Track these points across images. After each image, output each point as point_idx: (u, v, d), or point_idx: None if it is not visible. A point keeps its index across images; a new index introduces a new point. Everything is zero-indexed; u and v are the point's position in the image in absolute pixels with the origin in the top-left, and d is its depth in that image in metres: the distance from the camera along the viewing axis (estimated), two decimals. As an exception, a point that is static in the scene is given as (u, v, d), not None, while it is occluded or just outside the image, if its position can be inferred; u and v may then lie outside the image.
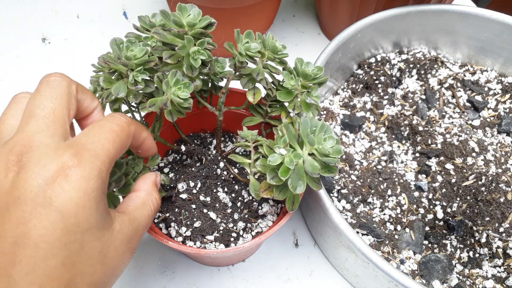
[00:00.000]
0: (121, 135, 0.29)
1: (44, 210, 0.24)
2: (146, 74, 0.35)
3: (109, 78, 0.35)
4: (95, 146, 0.27)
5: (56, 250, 0.24)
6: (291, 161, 0.33)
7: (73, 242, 0.25)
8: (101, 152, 0.27)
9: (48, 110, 0.28)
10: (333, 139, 0.34)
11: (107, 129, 0.29)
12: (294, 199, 0.37)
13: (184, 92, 0.35)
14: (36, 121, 0.27)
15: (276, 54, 0.39)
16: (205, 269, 0.52)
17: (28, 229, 0.24)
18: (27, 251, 0.24)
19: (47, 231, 0.24)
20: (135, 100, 0.35)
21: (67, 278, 0.25)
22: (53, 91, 0.29)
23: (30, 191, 0.24)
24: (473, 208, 0.49)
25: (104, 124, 0.29)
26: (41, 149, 0.26)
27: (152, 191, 0.35)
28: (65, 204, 0.25)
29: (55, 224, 0.24)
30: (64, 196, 0.25)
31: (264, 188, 0.37)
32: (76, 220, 0.25)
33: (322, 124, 0.35)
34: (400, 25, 0.61)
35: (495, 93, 0.62)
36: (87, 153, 0.26)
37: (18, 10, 0.79)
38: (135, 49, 0.34)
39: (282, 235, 0.55)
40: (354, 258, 0.45)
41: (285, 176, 0.33)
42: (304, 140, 0.34)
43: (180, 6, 0.35)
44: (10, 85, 0.69)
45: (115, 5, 0.81)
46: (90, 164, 0.26)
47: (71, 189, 0.25)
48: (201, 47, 0.35)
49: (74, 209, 0.25)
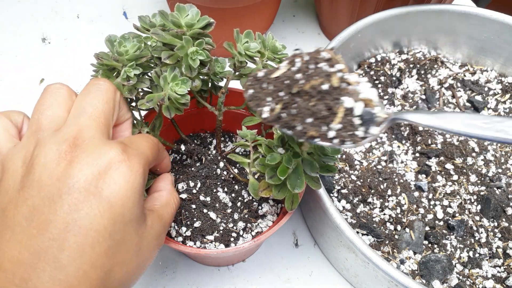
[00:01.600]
0: (155, 147, 0.33)
1: (95, 199, 0.25)
2: (138, 69, 0.35)
3: (109, 74, 0.36)
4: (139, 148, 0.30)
5: (102, 238, 0.26)
6: (289, 160, 0.33)
7: (117, 232, 0.26)
8: (144, 154, 0.30)
9: (99, 111, 0.30)
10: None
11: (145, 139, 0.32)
12: (293, 199, 0.37)
13: (181, 88, 0.35)
14: (89, 117, 0.29)
15: (276, 54, 0.39)
16: (205, 269, 0.52)
17: (80, 217, 0.25)
18: (77, 238, 0.25)
19: (96, 220, 0.25)
20: (130, 95, 0.35)
21: (108, 266, 0.26)
22: (103, 94, 0.31)
23: (84, 180, 0.25)
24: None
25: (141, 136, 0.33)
26: (93, 142, 0.27)
27: (173, 190, 0.37)
28: (114, 194, 0.26)
29: (104, 213, 0.26)
30: (114, 187, 0.26)
31: (263, 187, 0.37)
32: (122, 211, 0.27)
33: None
34: (400, 25, 0.61)
35: (495, 93, 0.62)
36: (134, 151, 0.29)
37: (18, 10, 0.79)
38: (128, 45, 0.35)
39: (282, 235, 0.55)
40: (354, 258, 0.45)
41: (284, 175, 0.33)
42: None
43: (179, 6, 0.35)
44: (10, 85, 0.69)
45: (115, 5, 0.81)
46: (137, 160, 0.28)
47: (121, 181, 0.27)
48: (200, 48, 0.35)
49: (121, 200, 0.26)
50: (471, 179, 0.53)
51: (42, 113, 0.29)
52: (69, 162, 0.26)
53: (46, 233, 0.24)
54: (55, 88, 0.31)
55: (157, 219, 0.32)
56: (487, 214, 0.51)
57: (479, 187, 0.53)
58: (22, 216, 0.25)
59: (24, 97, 0.67)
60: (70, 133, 0.27)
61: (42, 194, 0.25)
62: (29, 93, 0.68)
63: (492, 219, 0.51)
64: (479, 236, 0.50)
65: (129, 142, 0.30)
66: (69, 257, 0.24)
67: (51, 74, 0.70)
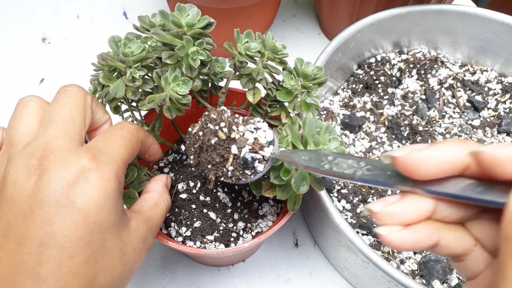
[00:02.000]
0: (132, 140, 0.31)
1: (68, 211, 0.26)
2: (143, 71, 0.35)
3: (109, 75, 0.36)
4: (110, 150, 0.29)
5: (80, 248, 0.26)
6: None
7: (95, 240, 0.27)
8: (116, 156, 0.29)
9: (67, 117, 0.29)
10: (337, 140, 0.34)
11: (119, 135, 0.31)
12: (295, 199, 0.37)
13: (182, 88, 0.35)
14: (56, 127, 0.28)
15: (276, 54, 0.39)
16: (205, 269, 0.52)
17: (53, 230, 0.25)
18: (53, 251, 0.25)
19: (71, 231, 0.25)
20: (133, 97, 0.35)
21: (91, 274, 0.26)
22: (71, 100, 0.30)
23: (53, 194, 0.26)
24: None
25: (115, 131, 0.31)
26: (61, 153, 0.27)
27: (163, 192, 0.37)
28: (87, 204, 0.26)
29: (78, 224, 0.26)
30: (85, 197, 0.26)
31: (266, 187, 0.37)
32: (98, 220, 0.27)
33: (327, 126, 0.35)
34: (400, 25, 0.61)
35: (495, 93, 0.62)
36: (104, 157, 0.28)
37: (18, 10, 0.79)
38: (133, 46, 0.35)
39: (282, 235, 0.55)
40: (354, 258, 0.45)
41: (286, 176, 0.33)
42: (309, 141, 0.34)
43: (179, 6, 0.35)
44: (10, 85, 0.69)
45: (115, 5, 0.81)
46: (107, 167, 0.28)
47: (91, 191, 0.26)
48: (200, 47, 0.35)
49: (95, 209, 0.26)
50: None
51: (13, 128, 0.29)
52: (39, 176, 0.26)
53: (23, 248, 0.25)
54: (26, 101, 0.31)
55: (143, 222, 0.32)
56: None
57: (479, 187, 0.53)
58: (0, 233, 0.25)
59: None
60: (38, 145, 0.27)
61: (14, 210, 0.26)
62: (29, 93, 0.67)
63: (492, 219, 0.51)
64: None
65: (101, 144, 0.29)
66: (47, 270, 0.25)
67: (51, 74, 0.70)
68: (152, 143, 0.37)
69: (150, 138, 0.36)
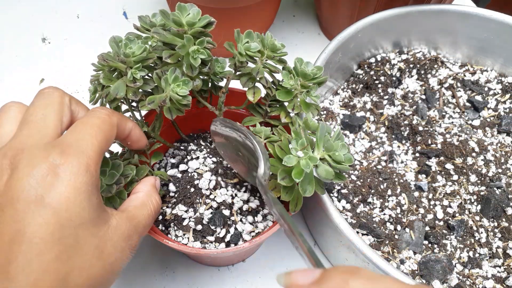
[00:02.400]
0: (103, 127, 0.31)
1: (37, 207, 0.25)
2: (144, 71, 0.35)
3: (110, 76, 0.36)
4: (80, 142, 0.29)
5: (50, 245, 0.25)
6: (307, 164, 0.33)
7: (67, 236, 0.26)
8: (86, 148, 0.28)
9: (40, 116, 0.29)
10: (345, 147, 0.34)
11: (90, 124, 0.30)
12: (297, 201, 0.37)
13: (183, 89, 0.35)
14: (29, 127, 0.29)
15: (275, 52, 0.39)
16: (205, 269, 0.52)
17: (23, 226, 0.25)
18: (22, 247, 0.25)
19: (40, 227, 0.25)
20: (134, 97, 0.35)
21: (63, 271, 0.26)
22: (45, 101, 0.31)
23: (22, 190, 0.25)
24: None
25: (86, 120, 0.30)
26: (31, 151, 0.27)
27: (151, 192, 0.36)
28: (56, 199, 0.26)
29: (48, 219, 0.25)
30: (54, 193, 0.26)
31: (271, 187, 0.37)
32: (69, 215, 0.26)
33: (338, 132, 0.35)
34: (400, 25, 0.61)
35: (495, 93, 0.62)
36: (73, 150, 0.28)
37: (18, 10, 0.79)
38: (134, 46, 0.35)
39: (282, 235, 0.55)
40: (354, 258, 0.45)
41: (299, 178, 0.33)
42: (319, 145, 0.34)
43: (180, 5, 0.35)
44: (10, 85, 0.69)
45: (115, 5, 0.81)
46: (77, 160, 0.27)
47: (60, 185, 0.26)
48: (201, 46, 0.35)
49: (65, 204, 0.26)
50: (471, 179, 0.53)
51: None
52: (9, 175, 0.26)
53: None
54: (7, 107, 0.32)
55: (125, 220, 0.31)
56: (487, 214, 0.51)
57: (479, 187, 0.53)
58: None
59: (24, 97, 0.67)
60: (11, 146, 0.28)
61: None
62: (29, 93, 0.67)
63: (492, 219, 0.51)
64: (479, 236, 0.50)
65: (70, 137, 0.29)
66: (17, 268, 0.25)
67: (51, 74, 0.70)
68: (133, 129, 0.35)
69: (129, 123, 0.35)
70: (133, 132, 0.35)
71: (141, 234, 0.33)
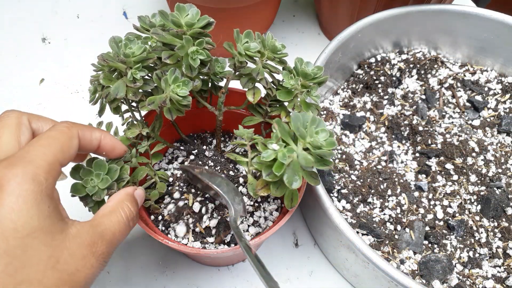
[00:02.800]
0: (60, 138, 0.31)
1: None
2: (144, 71, 0.35)
3: (110, 76, 0.35)
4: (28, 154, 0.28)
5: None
6: (284, 155, 0.32)
7: (14, 248, 0.25)
8: (35, 157, 0.28)
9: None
10: (326, 132, 0.33)
11: (44, 136, 0.30)
12: (292, 196, 0.37)
13: (183, 89, 0.35)
14: None
15: (276, 53, 0.39)
16: (205, 269, 0.52)
17: None
18: None
19: None
20: (134, 98, 0.35)
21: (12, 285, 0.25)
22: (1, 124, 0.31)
23: None
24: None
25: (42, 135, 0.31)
26: None
27: (123, 199, 0.34)
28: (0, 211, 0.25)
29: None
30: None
31: (261, 185, 0.36)
32: (14, 225, 0.25)
33: (313, 118, 0.34)
34: (400, 25, 0.61)
35: (495, 93, 0.62)
36: (19, 162, 0.27)
37: (18, 10, 0.79)
38: (134, 46, 0.35)
39: (282, 235, 0.55)
40: (354, 258, 0.45)
41: (280, 171, 0.32)
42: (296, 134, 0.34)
43: (179, 6, 0.35)
44: (10, 85, 0.69)
45: (115, 5, 0.81)
46: (22, 170, 0.27)
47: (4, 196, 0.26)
48: (200, 47, 0.35)
49: (8, 214, 0.25)
50: (471, 179, 0.53)
51: None
52: None
53: None
54: None
55: (88, 227, 0.30)
56: (487, 214, 0.51)
57: (479, 187, 0.53)
58: None
59: (24, 97, 0.67)
60: None
61: None
62: (29, 93, 0.68)
63: (492, 219, 0.51)
64: (479, 236, 0.50)
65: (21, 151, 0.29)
66: None
67: (51, 74, 0.70)
68: (102, 138, 0.34)
69: (95, 132, 0.34)
70: (104, 142, 0.35)
71: (111, 241, 0.32)
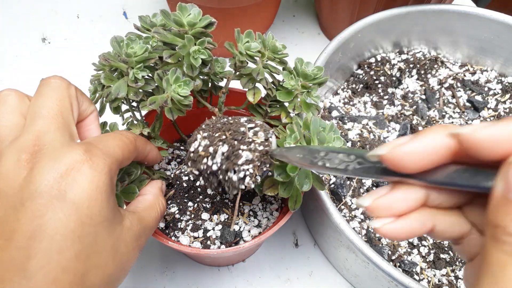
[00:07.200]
0: (129, 145, 0.31)
1: (59, 202, 0.25)
2: (146, 71, 0.35)
3: (110, 76, 0.35)
4: (106, 147, 0.29)
5: (70, 242, 0.25)
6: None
7: (87, 234, 0.26)
8: (112, 153, 0.29)
9: (55, 112, 0.29)
10: (340, 140, 0.34)
11: (118, 137, 0.31)
12: (296, 198, 0.37)
13: (184, 89, 0.35)
14: (44, 121, 0.28)
15: (276, 54, 0.39)
16: (205, 269, 0.52)
17: (44, 222, 0.24)
18: (43, 244, 0.24)
19: (61, 223, 0.25)
20: (135, 97, 0.35)
21: (81, 270, 0.25)
22: (55, 93, 0.30)
23: (45, 185, 0.25)
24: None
25: (114, 134, 0.31)
26: (54, 147, 0.27)
27: (159, 195, 0.37)
28: (78, 196, 0.25)
29: (69, 216, 0.25)
30: (77, 188, 0.25)
31: (268, 185, 0.37)
32: (89, 212, 0.26)
33: (331, 125, 0.35)
34: (400, 25, 0.61)
35: (495, 93, 0.62)
36: (99, 151, 0.28)
37: (18, 10, 0.79)
38: (135, 46, 0.35)
39: (282, 235, 0.55)
40: (354, 258, 0.45)
41: (294, 173, 0.33)
42: (314, 138, 0.34)
43: (181, 5, 0.35)
44: (10, 85, 0.68)
45: (115, 5, 0.81)
46: (101, 160, 0.27)
47: (84, 181, 0.26)
48: (202, 47, 0.35)
49: (87, 201, 0.26)
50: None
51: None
52: (30, 169, 0.25)
53: (12, 243, 0.24)
54: (4, 95, 0.30)
55: (137, 221, 0.31)
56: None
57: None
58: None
59: (24, 97, 0.67)
60: (28, 140, 0.27)
61: (5, 204, 0.25)
62: (29, 93, 0.67)
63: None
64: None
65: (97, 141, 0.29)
66: (36, 265, 0.24)
67: (51, 74, 0.70)
68: (151, 151, 0.37)
69: (148, 146, 0.36)
70: (151, 154, 0.37)
71: (148, 235, 0.34)
